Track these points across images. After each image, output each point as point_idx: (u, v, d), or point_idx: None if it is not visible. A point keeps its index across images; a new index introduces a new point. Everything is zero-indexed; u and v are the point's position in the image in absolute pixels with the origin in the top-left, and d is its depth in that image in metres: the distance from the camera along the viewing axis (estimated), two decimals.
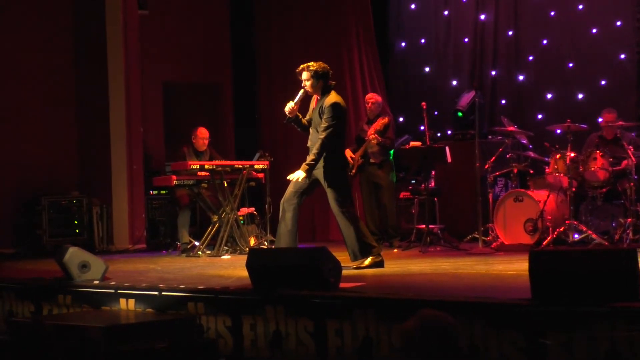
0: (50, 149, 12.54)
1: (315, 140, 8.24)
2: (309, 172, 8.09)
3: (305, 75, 8.20)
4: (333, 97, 8.19)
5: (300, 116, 8.39)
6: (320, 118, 8.15)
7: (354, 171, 11.00)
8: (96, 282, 7.48)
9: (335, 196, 8.16)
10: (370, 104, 11.17)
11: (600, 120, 10.53)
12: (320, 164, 8.16)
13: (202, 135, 11.32)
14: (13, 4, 12.38)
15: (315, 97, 8.34)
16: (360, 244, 8.15)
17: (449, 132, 12.50)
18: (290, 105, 8.28)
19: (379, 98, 11.26)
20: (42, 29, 12.60)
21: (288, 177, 8.20)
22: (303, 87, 8.28)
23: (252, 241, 10.91)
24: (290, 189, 8.33)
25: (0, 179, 12.09)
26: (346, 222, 8.15)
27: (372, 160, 11.00)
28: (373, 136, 10.74)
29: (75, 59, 12.86)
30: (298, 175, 8.10)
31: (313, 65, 8.19)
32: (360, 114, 12.49)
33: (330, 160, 8.17)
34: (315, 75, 8.18)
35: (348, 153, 11.08)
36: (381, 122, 10.79)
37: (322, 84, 8.22)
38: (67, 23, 12.83)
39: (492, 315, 5.18)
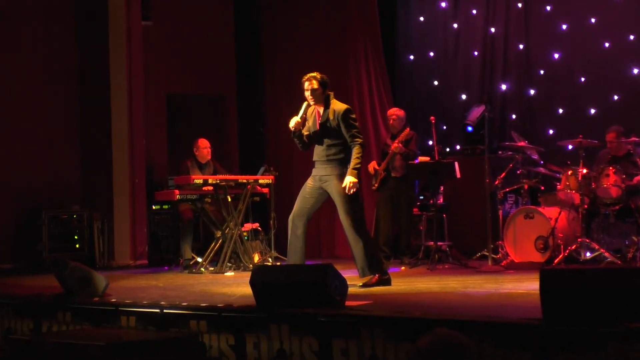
0: (51, 162, 12.53)
1: (321, 153, 8.25)
2: (358, 175, 8.09)
3: (312, 84, 8.21)
4: (342, 105, 8.27)
5: (303, 131, 8.39)
6: (331, 128, 8.14)
7: (377, 184, 11.00)
8: (96, 298, 7.47)
9: (345, 209, 8.13)
10: (392, 120, 11.15)
11: None
12: (331, 175, 8.15)
13: (204, 145, 11.32)
14: (16, 16, 12.39)
15: (315, 109, 8.33)
16: (370, 259, 8.12)
17: (458, 147, 12.47)
18: (295, 120, 8.31)
19: (401, 113, 11.19)
20: (44, 40, 12.62)
21: (347, 190, 8.06)
22: (306, 101, 8.30)
23: (256, 258, 10.88)
24: (298, 204, 8.33)
25: (0, 192, 12.08)
26: (356, 236, 8.12)
27: (393, 175, 10.98)
28: (396, 145, 10.73)
29: (78, 71, 12.87)
30: (351, 181, 8.04)
31: (318, 74, 8.25)
32: (367, 128, 12.47)
33: (342, 172, 8.16)
34: (322, 84, 8.23)
35: (373, 165, 11.07)
36: (404, 134, 10.79)
37: (326, 93, 8.26)
38: (70, 34, 12.84)
39: (501, 335, 5.16)
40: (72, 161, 12.82)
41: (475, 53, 12.79)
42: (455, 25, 13.06)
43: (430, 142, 11.20)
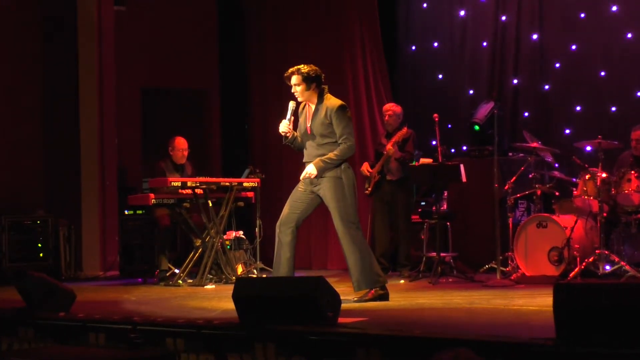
0: (12, 161, 12.52)
1: (313, 154, 8.22)
2: (321, 170, 8.07)
3: (295, 79, 8.18)
4: (336, 101, 8.21)
5: (296, 134, 8.38)
6: (323, 126, 8.13)
7: (370, 189, 11.02)
8: (62, 313, 7.46)
9: (340, 215, 8.10)
10: (387, 117, 11.18)
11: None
12: (323, 178, 8.13)
13: (181, 145, 11.32)
14: None
15: (307, 105, 8.32)
16: (366, 272, 8.10)
17: (464, 147, 12.50)
18: (285, 124, 8.27)
19: (397, 109, 11.23)
20: (8, 29, 12.60)
21: (301, 178, 8.15)
22: (293, 98, 8.28)
23: (240, 269, 10.90)
24: (286, 209, 8.30)
25: None
26: (352, 246, 8.10)
27: (389, 178, 11.00)
28: (390, 147, 10.75)
29: (43, 61, 12.86)
30: (308, 171, 8.08)
31: (303, 67, 8.17)
32: (363, 126, 12.48)
33: (336, 174, 8.16)
34: (307, 79, 8.17)
35: (366, 167, 11.09)
36: (400, 133, 10.81)
37: (315, 88, 8.22)
38: (35, 22, 12.81)
39: (511, 356, 5.17)
40: (36, 161, 12.80)
41: (484, 44, 12.81)
42: (462, 13, 13.08)
43: (434, 142, 11.21)
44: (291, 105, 8.31)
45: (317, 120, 8.19)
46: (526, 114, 12.42)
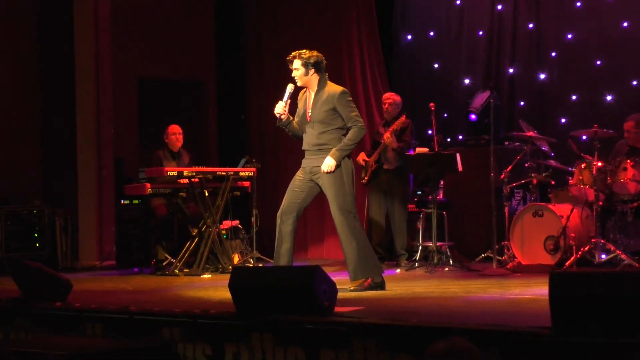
0: (8, 151, 12.50)
1: (312, 142, 8.20)
2: (340, 159, 8.05)
3: (295, 63, 8.17)
4: (336, 87, 8.23)
5: (292, 118, 8.36)
6: (323, 113, 8.11)
7: (367, 178, 11.00)
8: (59, 303, 7.45)
9: (339, 204, 8.09)
10: (387, 105, 11.16)
11: None
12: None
13: (174, 130, 11.34)
14: None
15: (307, 91, 8.30)
16: (363, 261, 8.09)
17: (460, 137, 12.49)
18: (281, 106, 8.24)
19: (397, 98, 11.21)
20: (3, 19, 12.57)
21: (322, 170, 8.08)
22: (292, 81, 8.26)
23: (236, 258, 10.90)
24: (287, 198, 8.27)
25: None
26: (349, 235, 8.09)
27: (385, 167, 10.98)
28: (388, 136, 10.73)
29: (40, 50, 12.84)
30: (329, 164, 8.04)
31: (305, 52, 8.17)
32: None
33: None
34: (307, 64, 8.16)
35: (362, 156, 11.08)
36: (399, 122, 10.79)
37: (316, 74, 8.21)
38: (32, 13, 12.79)
39: (507, 345, 5.17)
40: (33, 151, 12.79)
41: (481, 33, 12.79)
42: (459, 2, 13.05)
43: (430, 132, 11.20)
44: (289, 87, 8.29)
45: (317, 107, 8.17)
46: (522, 103, 12.41)
